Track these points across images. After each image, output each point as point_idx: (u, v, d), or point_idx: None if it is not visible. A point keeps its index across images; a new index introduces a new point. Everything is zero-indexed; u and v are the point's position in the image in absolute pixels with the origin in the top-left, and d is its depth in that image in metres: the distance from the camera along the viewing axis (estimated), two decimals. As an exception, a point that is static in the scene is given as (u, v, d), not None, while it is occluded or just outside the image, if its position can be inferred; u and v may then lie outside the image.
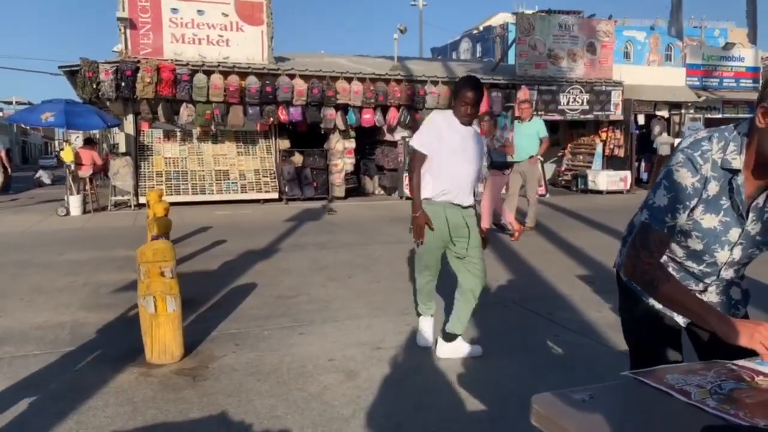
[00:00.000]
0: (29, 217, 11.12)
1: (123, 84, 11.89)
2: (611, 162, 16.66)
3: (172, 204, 11.77)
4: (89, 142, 13.24)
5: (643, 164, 17.77)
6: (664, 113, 17.59)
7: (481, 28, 44.34)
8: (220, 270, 6.30)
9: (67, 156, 11.46)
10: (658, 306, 1.80)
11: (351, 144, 14.10)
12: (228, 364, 3.57)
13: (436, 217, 3.49)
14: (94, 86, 11.83)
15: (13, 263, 6.72)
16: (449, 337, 3.61)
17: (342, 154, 13.92)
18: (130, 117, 12.93)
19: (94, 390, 3.20)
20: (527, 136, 8.52)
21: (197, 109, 12.58)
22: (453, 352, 3.60)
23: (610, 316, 4.43)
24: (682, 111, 17.55)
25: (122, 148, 13.06)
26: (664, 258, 1.73)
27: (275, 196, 13.41)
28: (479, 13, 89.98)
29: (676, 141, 16.39)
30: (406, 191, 14.02)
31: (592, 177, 15.59)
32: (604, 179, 15.32)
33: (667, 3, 13.98)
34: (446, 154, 3.44)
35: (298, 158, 13.92)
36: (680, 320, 1.82)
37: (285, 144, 14.05)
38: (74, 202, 11.41)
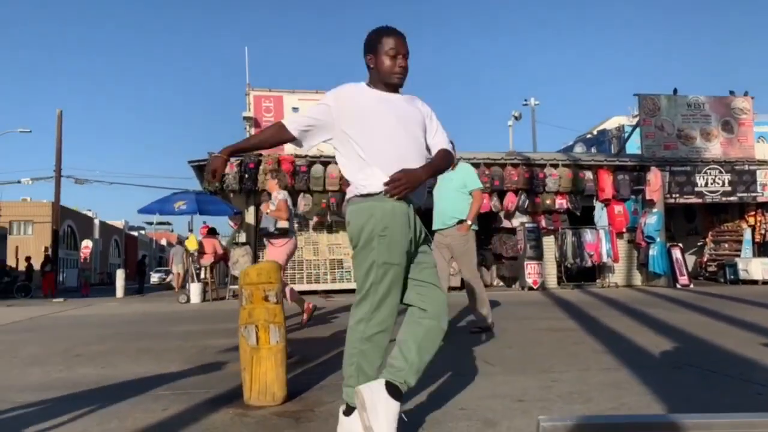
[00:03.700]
0: (153, 305, 11.43)
1: (246, 176, 12.39)
2: (763, 249, 14.74)
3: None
4: (212, 233, 13.72)
5: (802, 252, 15.60)
6: (822, 194, 15.57)
7: (595, 132, 43.55)
8: (332, 336, 5.79)
9: (191, 244, 11.85)
10: None
11: (467, 232, 13.53)
12: (339, 408, 2.94)
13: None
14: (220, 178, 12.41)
15: (128, 333, 6.63)
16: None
17: (458, 243, 13.37)
18: (251, 209, 13.35)
19: (182, 430, 2.69)
20: (452, 191, 5.52)
21: (314, 199, 12.77)
22: None
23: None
24: None
25: (242, 239, 13.39)
26: None
27: (389, 286, 12.94)
28: (592, 118, 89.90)
29: (843, 224, 14.30)
30: (529, 281, 13.06)
31: (743, 265, 13.75)
32: (758, 267, 13.44)
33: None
34: None
35: (412, 248, 13.53)
36: None
37: (399, 234, 13.78)
38: (194, 290, 11.61)
